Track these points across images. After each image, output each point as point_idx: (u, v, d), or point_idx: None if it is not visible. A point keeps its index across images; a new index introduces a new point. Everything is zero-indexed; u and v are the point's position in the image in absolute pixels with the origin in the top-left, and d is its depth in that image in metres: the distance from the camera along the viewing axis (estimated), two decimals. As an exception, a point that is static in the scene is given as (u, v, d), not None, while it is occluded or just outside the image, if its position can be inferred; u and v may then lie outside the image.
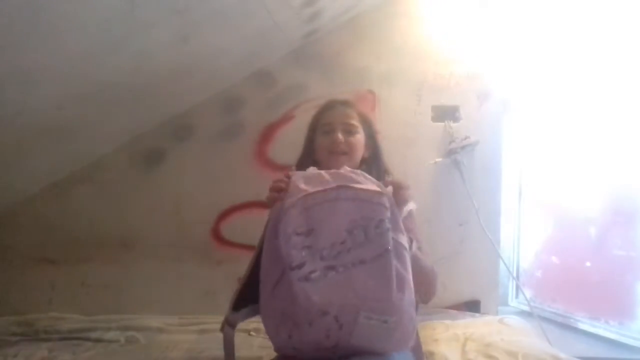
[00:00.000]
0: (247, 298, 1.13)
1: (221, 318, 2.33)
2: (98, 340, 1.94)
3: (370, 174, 1.27)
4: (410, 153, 2.26)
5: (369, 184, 1.05)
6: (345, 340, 0.94)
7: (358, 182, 1.04)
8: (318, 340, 0.94)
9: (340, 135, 1.31)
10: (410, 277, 0.99)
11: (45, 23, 1.19)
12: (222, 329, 1.11)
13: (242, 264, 2.42)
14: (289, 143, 2.29)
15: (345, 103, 1.42)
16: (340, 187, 1.02)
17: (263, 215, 1.14)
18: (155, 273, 2.27)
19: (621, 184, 2.19)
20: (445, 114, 2.30)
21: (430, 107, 2.30)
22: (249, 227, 2.35)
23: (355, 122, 1.35)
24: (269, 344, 1.09)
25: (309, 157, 1.40)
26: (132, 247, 2.29)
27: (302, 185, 1.05)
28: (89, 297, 2.26)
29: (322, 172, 1.10)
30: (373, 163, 1.39)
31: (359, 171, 1.10)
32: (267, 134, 2.30)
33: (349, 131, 1.33)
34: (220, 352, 1.88)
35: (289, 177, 1.09)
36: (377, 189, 1.03)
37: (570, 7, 2.30)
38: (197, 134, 2.31)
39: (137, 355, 1.80)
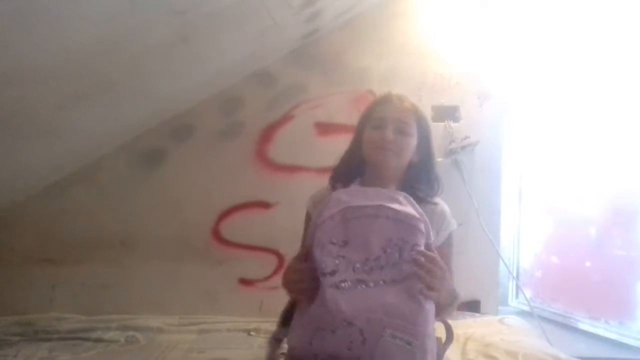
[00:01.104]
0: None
1: (221, 318, 2.34)
2: (98, 340, 1.94)
3: (419, 181, 1.24)
4: (410, 153, 2.26)
5: (409, 207, 1.04)
6: (366, 356, 0.92)
7: (399, 203, 1.04)
8: (339, 351, 0.93)
9: (390, 133, 1.17)
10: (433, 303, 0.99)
11: (46, 23, 1.19)
12: (269, 343, 1.11)
13: (242, 263, 2.44)
14: (289, 143, 2.30)
15: (401, 99, 1.27)
16: (381, 206, 1.01)
17: (263, 215, 1.14)
18: (155, 273, 2.27)
19: (621, 184, 2.19)
20: (445, 114, 2.30)
21: (430, 107, 2.30)
22: (249, 227, 2.36)
23: (410, 121, 1.21)
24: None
25: (355, 152, 1.26)
26: (132, 247, 2.29)
27: (344, 197, 1.04)
28: (89, 297, 2.26)
29: (365, 189, 1.10)
30: (423, 171, 1.26)
31: (402, 193, 1.08)
32: (267, 134, 2.30)
33: (402, 130, 1.19)
34: (220, 352, 1.89)
35: (302, 270, 1.03)
36: (415, 214, 1.02)
37: (570, 8, 2.30)
38: (197, 134, 2.31)
39: (137, 355, 1.80)
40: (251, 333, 1.99)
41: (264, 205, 2.26)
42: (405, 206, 1.04)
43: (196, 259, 2.28)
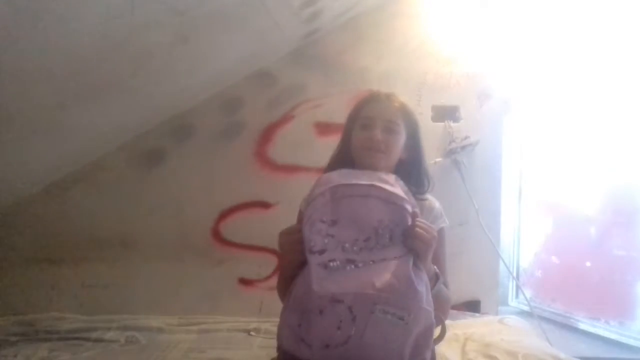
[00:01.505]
0: None
1: (221, 318, 2.34)
2: (98, 340, 1.94)
3: (408, 178, 1.22)
4: (410, 153, 2.26)
5: (398, 189, 1.03)
6: (357, 335, 0.90)
7: (390, 185, 1.03)
8: (328, 333, 0.91)
9: (379, 133, 1.19)
10: (426, 277, 0.99)
11: (46, 23, 1.19)
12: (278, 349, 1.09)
13: (242, 264, 2.44)
14: (289, 143, 2.30)
15: (389, 97, 1.28)
16: (373, 186, 1.00)
17: (263, 215, 1.13)
18: (155, 273, 2.27)
19: (621, 184, 2.19)
20: (445, 114, 2.30)
21: (430, 107, 2.30)
22: (249, 227, 2.36)
23: (397, 119, 1.23)
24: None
25: (344, 152, 1.28)
26: (132, 247, 2.29)
27: (334, 177, 1.04)
28: (89, 297, 2.26)
29: (356, 171, 1.08)
30: (412, 166, 1.27)
31: (392, 175, 1.07)
32: (267, 134, 2.30)
33: (390, 129, 1.21)
34: (219, 352, 1.89)
35: (299, 230, 1.03)
36: (406, 197, 1.01)
37: (570, 7, 2.30)
38: (197, 134, 2.31)
39: (137, 355, 1.80)
40: (251, 333, 1.99)
41: (264, 205, 2.25)
42: (395, 187, 1.03)
43: (196, 259, 2.28)
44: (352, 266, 0.94)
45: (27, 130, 1.70)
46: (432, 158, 2.27)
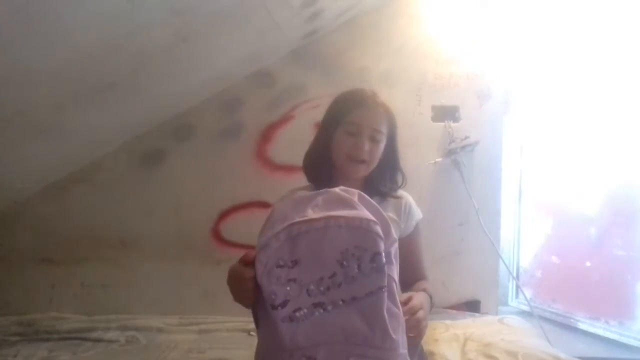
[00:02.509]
0: None
1: (221, 318, 2.34)
2: (98, 340, 1.94)
3: (383, 177, 1.25)
4: (410, 153, 2.25)
5: (363, 210, 0.91)
6: None
7: (352, 207, 0.91)
8: None
9: (366, 143, 1.17)
10: (401, 313, 0.91)
11: (46, 23, 1.19)
12: None
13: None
14: (289, 143, 2.30)
15: (375, 101, 1.23)
16: (329, 217, 0.87)
17: (263, 215, 1.14)
18: (155, 273, 2.27)
19: (621, 184, 2.19)
20: (445, 114, 2.30)
21: (430, 107, 2.30)
22: (249, 227, 2.34)
23: (382, 127, 1.21)
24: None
25: (322, 152, 1.23)
26: (132, 247, 2.29)
27: (288, 210, 0.92)
28: (89, 297, 2.26)
29: (312, 194, 0.95)
30: (387, 167, 1.27)
31: (356, 191, 0.96)
32: (267, 134, 2.30)
33: (375, 139, 1.19)
34: (220, 352, 1.88)
35: (248, 279, 0.91)
36: (371, 217, 0.89)
37: (570, 7, 2.30)
38: (197, 134, 2.31)
39: (137, 355, 1.80)
40: (251, 333, 1.99)
41: (264, 205, 2.25)
42: (359, 209, 0.90)
43: (196, 259, 2.28)
44: (321, 310, 0.85)
45: (26, 130, 1.70)
46: (432, 158, 2.27)
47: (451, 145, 2.25)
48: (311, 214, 0.89)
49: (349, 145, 1.18)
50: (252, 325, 2.15)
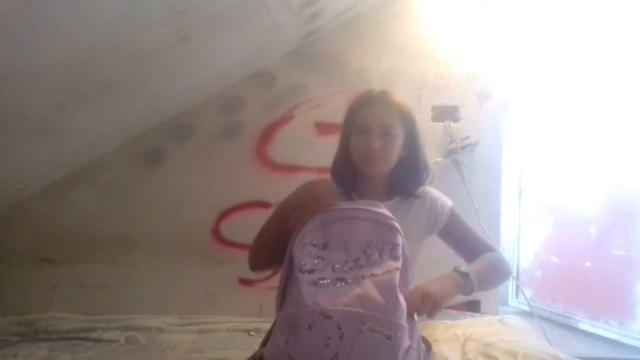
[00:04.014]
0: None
1: (221, 318, 2.34)
2: (98, 340, 1.94)
3: (405, 176, 1.27)
4: (410, 153, 2.26)
5: (385, 209, 1.06)
6: (345, 353, 0.89)
7: (378, 207, 1.06)
8: (316, 349, 0.90)
9: (376, 141, 1.19)
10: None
11: (45, 23, 1.19)
12: None
13: (242, 264, 2.42)
14: (288, 143, 2.30)
15: (384, 99, 1.25)
16: (359, 209, 1.04)
17: (263, 215, 1.13)
18: (155, 273, 2.27)
19: (621, 184, 2.19)
20: (445, 114, 2.30)
21: (430, 107, 2.30)
22: (249, 227, 2.34)
23: (394, 122, 1.21)
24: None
25: (345, 157, 1.28)
26: (132, 247, 2.29)
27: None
28: (89, 297, 2.26)
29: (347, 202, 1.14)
30: (411, 163, 1.27)
31: (378, 203, 1.09)
32: (267, 134, 2.30)
33: (387, 134, 1.20)
34: (220, 352, 1.89)
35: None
36: (391, 214, 1.05)
37: (570, 7, 2.30)
38: (197, 134, 2.31)
39: (137, 355, 1.80)
40: (251, 333, 1.99)
41: (264, 205, 2.26)
42: (383, 209, 1.06)
43: (196, 259, 2.29)
44: (342, 283, 0.97)
45: (26, 131, 1.70)
46: (432, 158, 2.27)
47: (451, 145, 2.25)
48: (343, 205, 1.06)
49: (361, 145, 1.21)
50: (252, 325, 2.16)
